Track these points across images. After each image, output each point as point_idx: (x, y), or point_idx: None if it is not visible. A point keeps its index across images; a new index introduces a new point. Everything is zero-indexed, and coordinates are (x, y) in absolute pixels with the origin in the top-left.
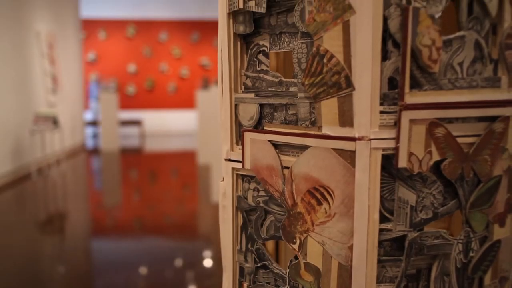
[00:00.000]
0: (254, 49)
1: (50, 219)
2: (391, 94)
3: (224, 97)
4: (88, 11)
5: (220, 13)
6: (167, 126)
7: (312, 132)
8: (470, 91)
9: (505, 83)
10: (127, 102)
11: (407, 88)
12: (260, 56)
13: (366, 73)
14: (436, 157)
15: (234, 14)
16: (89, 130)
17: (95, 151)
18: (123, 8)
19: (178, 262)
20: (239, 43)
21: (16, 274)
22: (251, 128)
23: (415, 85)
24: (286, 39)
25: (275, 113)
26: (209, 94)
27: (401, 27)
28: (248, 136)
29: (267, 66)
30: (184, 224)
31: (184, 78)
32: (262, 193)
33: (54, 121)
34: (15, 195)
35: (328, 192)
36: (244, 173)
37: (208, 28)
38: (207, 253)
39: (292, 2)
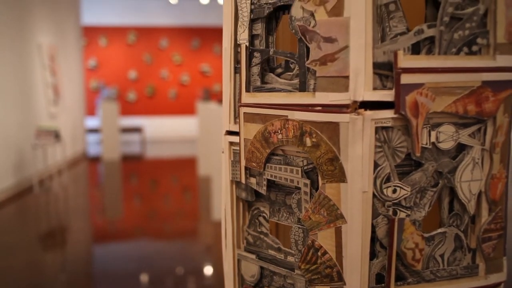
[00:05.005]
0: (255, 211)
1: (51, 235)
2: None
3: (227, 251)
4: (89, 18)
5: (223, 180)
6: (167, 132)
7: None
8: (450, 282)
9: (483, 270)
10: (127, 109)
11: (392, 285)
12: (261, 219)
13: (356, 272)
14: None
15: (236, 182)
16: (95, 137)
17: (96, 160)
18: (123, 15)
19: (179, 281)
20: (241, 204)
21: None
22: (252, 285)
23: (400, 277)
24: (285, 215)
25: (275, 277)
26: (210, 106)
27: (388, 234)
28: None
29: (267, 230)
30: (185, 240)
31: (185, 85)
32: None
33: (56, 135)
34: (17, 209)
35: None
36: None
37: (208, 34)
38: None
39: (291, 189)
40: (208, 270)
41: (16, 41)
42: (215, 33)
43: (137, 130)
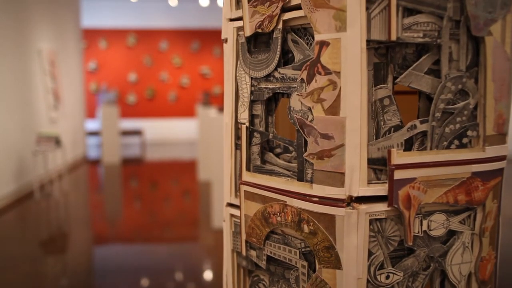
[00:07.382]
0: (255, 278)
1: (52, 241)
2: None
3: None
4: (89, 21)
5: (225, 248)
6: (167, 135)
7: None
8: None
9: None
10: (127, 111)
11: None
12: (261, 285)
13: None
14: None
15: (237, 251)
16: (95, 140)
17: (96, 163)
18: (123, 17)
19: None
20: (242, 271)
21: None
22: None
23: None
24: (284, 286)
25: None
26: (210, 113)
27: None
28: None
29: None
30: (185, 247)
31: (185, 87)
32: None
33: (57, 141)
34: (18, 216)
35: None
36: None
37: (208, 37)
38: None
39: (290, 265)
40: (208, 276)
41: (17, 47)
42: (214, 36)
43: (137, 132)
